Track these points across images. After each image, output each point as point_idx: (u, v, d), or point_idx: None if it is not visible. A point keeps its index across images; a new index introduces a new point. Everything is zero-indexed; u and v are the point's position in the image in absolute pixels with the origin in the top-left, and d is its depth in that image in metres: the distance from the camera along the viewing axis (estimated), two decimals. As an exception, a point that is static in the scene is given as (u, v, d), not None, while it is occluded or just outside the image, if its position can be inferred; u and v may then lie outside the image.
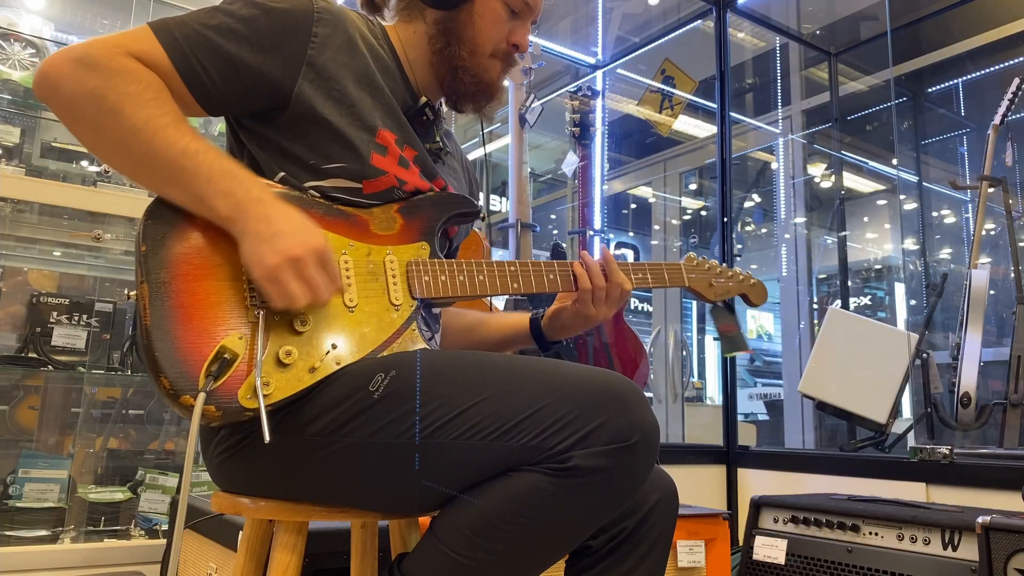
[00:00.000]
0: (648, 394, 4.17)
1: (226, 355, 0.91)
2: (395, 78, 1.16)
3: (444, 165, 1.24)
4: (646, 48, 4.07)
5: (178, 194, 0.96)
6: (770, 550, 1.86)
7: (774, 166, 4.72)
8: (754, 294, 1.42)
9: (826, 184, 4.66)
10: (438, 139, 1.22)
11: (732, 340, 1.43)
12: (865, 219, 5.10)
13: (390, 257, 1.07)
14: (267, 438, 0.88)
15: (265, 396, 0.91)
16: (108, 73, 0.93)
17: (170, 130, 0.95)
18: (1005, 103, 2.76)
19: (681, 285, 1.33)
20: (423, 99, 1.18)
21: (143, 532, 2.15)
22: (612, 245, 5.63)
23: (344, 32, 1.09)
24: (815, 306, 4.31)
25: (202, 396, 0.87)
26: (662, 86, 3.83)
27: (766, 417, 4.98)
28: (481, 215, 1.22)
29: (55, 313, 2.18)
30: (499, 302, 2.59)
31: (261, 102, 1.05)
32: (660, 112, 3.89)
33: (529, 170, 2.97)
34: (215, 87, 1.01)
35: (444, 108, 1.27)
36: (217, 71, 1.01)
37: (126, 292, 0.94)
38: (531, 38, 3.09)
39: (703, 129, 4.66)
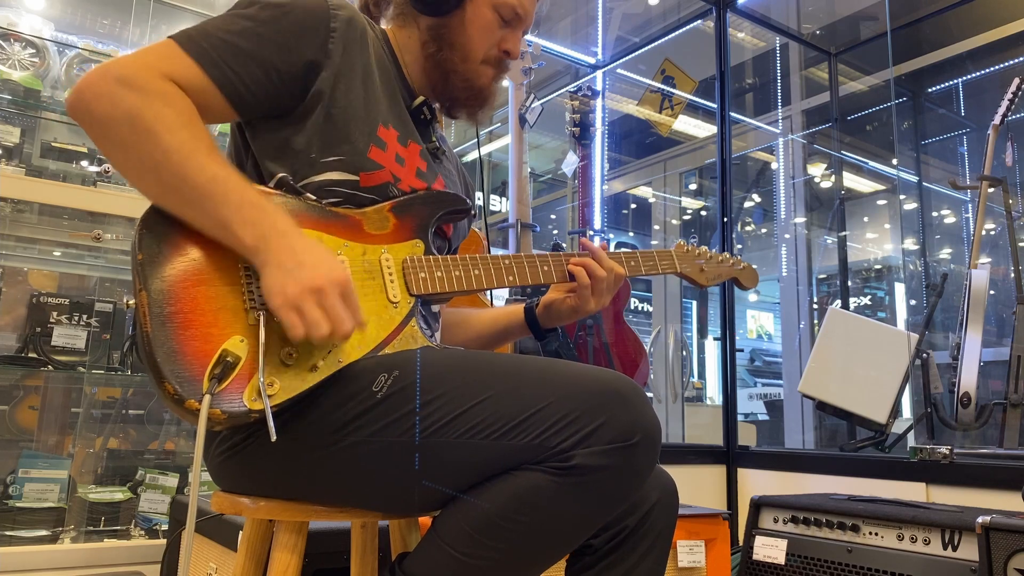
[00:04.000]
0: (648, 394, 4.16)
1: (228, 358, 0.91)
2: (396, 78, 1.18)
3: (441, 165, 1.25)
4: (646, 48, 4.07)
5: (202, 219, 0.95)
6: (770, 550, 1.86)
7: (774, 166, 4.72)
8: (744, 277, 1.44)
9: (826, 184, 4.66)
10: (434, 139, 1.23)
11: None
12: (865, 219, 5.10)
13: (385, 255, 1.08)
14: (273, 437, 0.88)
15: (271, 397, 0.91)
16: (145, 94, 0.94)
17: (202, 155, 0.95)
18: (1005, 103, 2.76)
19: (673, 272, 1.35)
20: (420, 98, 1.19)
21: (143, 532, 2.15)
22: (612, 245, 5.64)
23: (356, 29, 1.11)
24: (815, 306, 4.32)
25: (207, 399, 0.87)
26: (662, 86, 3.83)
27: (766, 417, 4.99)
28: (473, 213, 1.23)
29: (55, 313, 2.18)
30: (500, 301, 2.59)
31: (288, 100, 1.06)
32: (660, 112, 3.89)
33: (529, 170, 2.97)
34: (249, 92, 1.03)
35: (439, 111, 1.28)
36: (249, 76, 1.02)
37: (125, 300, 0.94)
38: (531, 38, 3.10)
39: (703, 129, 4.66)
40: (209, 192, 0.94)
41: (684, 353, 4.52)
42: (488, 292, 1.41)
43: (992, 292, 2.81)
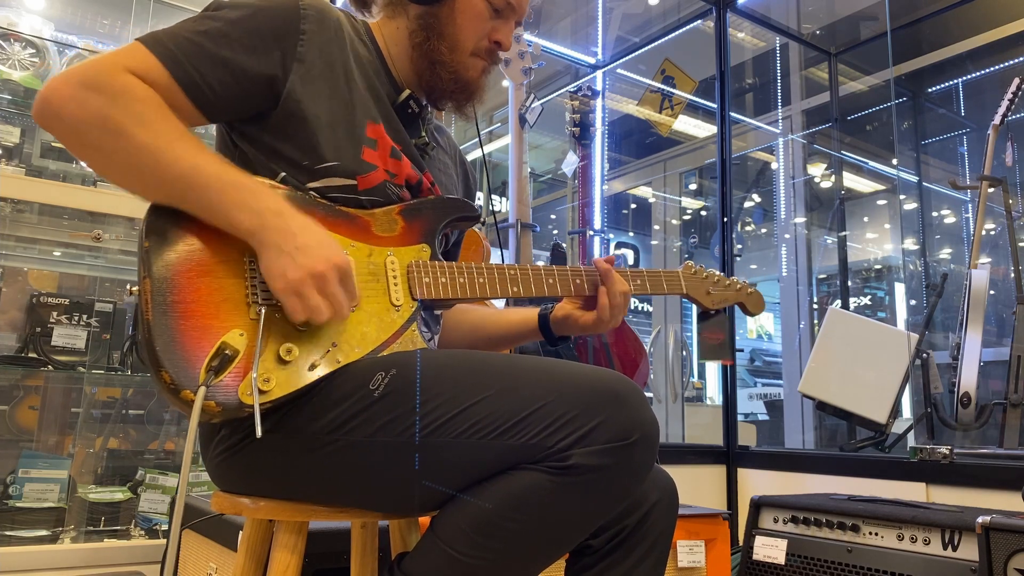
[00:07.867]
0: (648, 394, 4.17)
1: (227, 351, 0.91)
2: (379, 72, 1.16)
3: (431, 159, 1.24)
4: (646, 48, 4.07)
5: (195, 208, 0.95)
6: (770, 550, 1.86)
7: (774, 166, 4.72)
8: (751, 303, 1.41)
9: (826, 184, 4.66)
10: (423, 133, 1.22)
11: (715, 348, 1.41)
12: (865, 219, 5.10)
13: (391, 258, 1.08)
14: (259, 433, 0.88)
15: (265, 393, 0.91)
16: (111, 93, 0.93)
17: (176, 145, 0.94)
18: (1005, 103, 2.76)
19: (679, 293, 1.34)
20: (406, 92, 1.18)
21: (143, 532, 2.15)
22: (612, 245, 5.64)
23: (329, 27, 1.09)
24: (815, 306, 4.32)
25: (202, 390, 0.87)
26: (662, 86, 3.83)
27: (766, 417, 4.99)
28: (481, 219, 1.22)
29: (55, 313, 2.18)
30: (499, 302, 2.59)
31: (258, 103, 1.05)
32: (660, 112, 3.89)
33: (529, 170, 2.97)
34: (214, 94, 1.01)
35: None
36: (215, 77, 1.01)
37: (128, 288, 0.94)
38: (531, 38, 3.09)
39: (703, 129, 4.66)
40: (192, 182, 0.94)
41: (684, 353, 4.52)
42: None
43: (992, 292, 2.81)
